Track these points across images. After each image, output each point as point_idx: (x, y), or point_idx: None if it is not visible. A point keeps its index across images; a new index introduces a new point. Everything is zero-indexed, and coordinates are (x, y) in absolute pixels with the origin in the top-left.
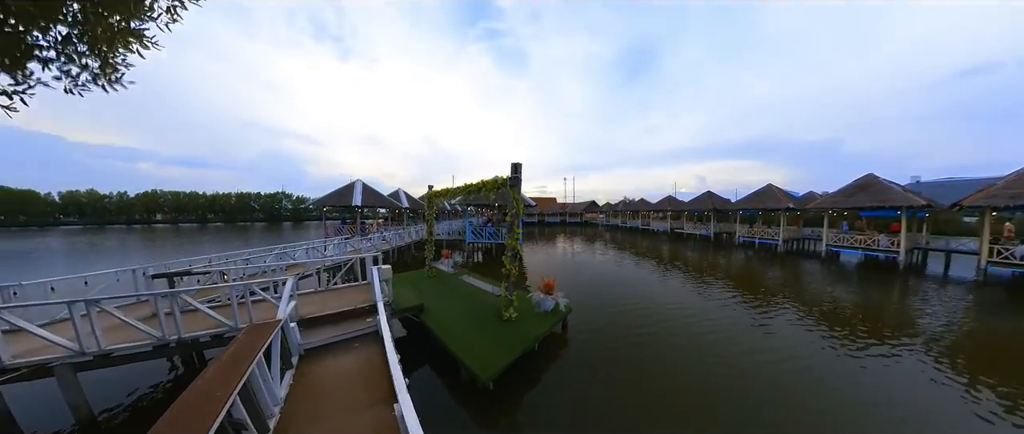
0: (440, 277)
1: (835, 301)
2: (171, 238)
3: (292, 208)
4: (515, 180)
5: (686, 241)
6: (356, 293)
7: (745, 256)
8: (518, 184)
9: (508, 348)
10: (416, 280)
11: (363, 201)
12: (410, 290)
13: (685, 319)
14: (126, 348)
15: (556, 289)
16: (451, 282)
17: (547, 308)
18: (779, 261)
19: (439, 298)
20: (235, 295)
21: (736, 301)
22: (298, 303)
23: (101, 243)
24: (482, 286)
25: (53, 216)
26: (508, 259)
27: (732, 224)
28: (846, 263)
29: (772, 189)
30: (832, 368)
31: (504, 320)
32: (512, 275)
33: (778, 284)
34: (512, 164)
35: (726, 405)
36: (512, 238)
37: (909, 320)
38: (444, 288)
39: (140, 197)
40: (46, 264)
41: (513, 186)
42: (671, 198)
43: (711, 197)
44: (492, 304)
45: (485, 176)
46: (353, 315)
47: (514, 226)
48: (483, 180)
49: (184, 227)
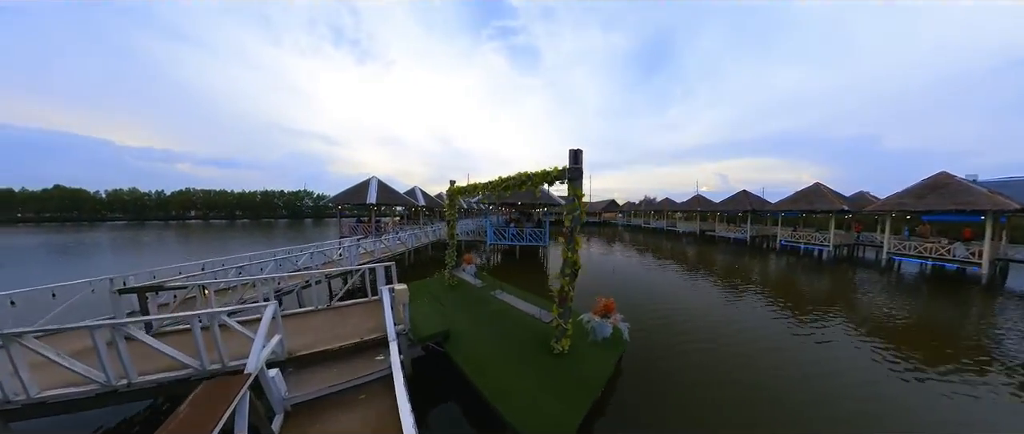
0: (463, 288)
1: (920, 320)
2: (200, 233)
3: (313, 205)
4: (576, 172)
5: (717, 245)
6: (364, 316)
7: (789, 263)
8: (579, 177)
9: (571, 399)
10: (436, 291)
11: (378, 199)
12: (430, 307)
13: (737, 335)
14: (63, 395)
15: (615, 310)
16: (478, 296)
17: (604, 335)
18: (831, 270)
19: (466, 319)
20: (198, 329)
21: (792, 316)
22: (288, 331)
23: (138, 238)
24: (518, 305)
25: (101, 213)
26: (566, 276)
27: (768, 227)
28: (909, 274)
29: (821, 189)
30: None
31: (554, 353)
32: (570, 297)
33: (843, 297)
34: (571, 151)
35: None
36: (572, 250)
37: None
38: (470, 304)
39: (175, 195)
40: (82, 258)
41: (573, 179)
42: (700, 197)
43: (747, 197)
44: (532, 328)
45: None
46: (360, 350)
47: (575, 234)
48: (526, 172)
49: (214, 223)
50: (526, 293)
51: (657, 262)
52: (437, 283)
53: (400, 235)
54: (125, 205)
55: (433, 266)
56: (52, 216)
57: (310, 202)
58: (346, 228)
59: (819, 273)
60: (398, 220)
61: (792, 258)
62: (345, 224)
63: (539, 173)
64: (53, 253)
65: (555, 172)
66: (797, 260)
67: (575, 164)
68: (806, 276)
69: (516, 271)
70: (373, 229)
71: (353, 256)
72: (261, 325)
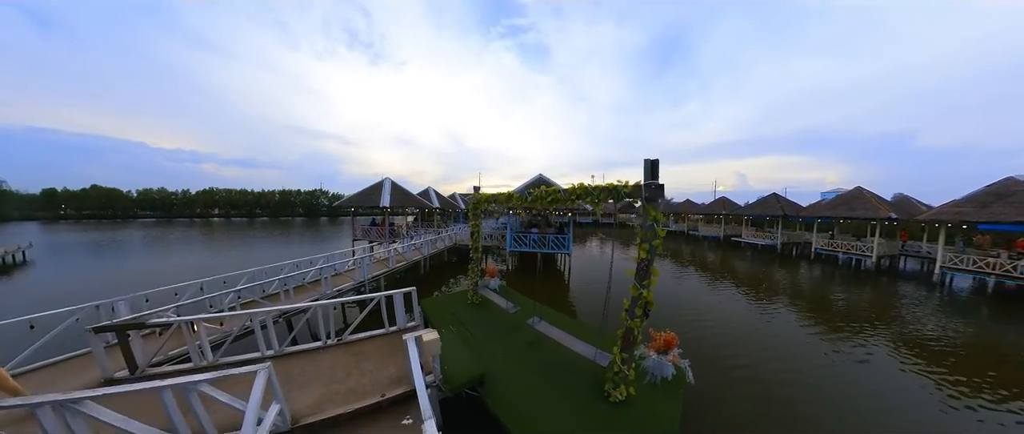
0: (490, 310)
1: (981, 343)
2: (222, 231)
3: (328, 204)
4: (654, 190)
5: (744, 251)
6: (383, 355)
7: (826, 274)
8: (659, 196)
9: None
10: (460, 311)
11: (392, 201)
12: (459, 339)
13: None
14: None
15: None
16: (510, 322)
17: (664, 375)
18: (875, 283)
19: (501, 353)
20: (169, 405)
21: (835, 334)
22: (292, 377)
23: (165, 236)
24: (559, 337)
25: (133, 211)
26: (636, 318)
27: (798, 232)
28: (962, 289)
29: (863, 193)
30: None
31: (610, 401)
32: (637, 341)
33: (895, 316)
34: (648, 163)
35: None
36: (646, 285)
37: None
38: (503, 334)
39: (200, 194)
40: (113, 257)
41: (651, 199)
42: (725, 200)
43: (778, 200)
44: (578, 367)
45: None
46: (378, 413)
47: (651, 268)
48: (583, 185)
49: (235, 221)
50: (564, 318)
51: (680, 269)
52: (459, 301)
53: (416, 241)
54: (154, 203)
55: (450, 271)
56: (90, 213)
57: (326, 201)
58: (359, 230)
59: (862, 286)
60: (411, 221)
61: (828, 268)
62: (358, 226)
63: (604, 187)
64: (89, 252)
65: (626, 188)
66: (835, 271)
67: (653, 179)
68: (848, 290)
69: (537, 281)
70: (387, 232)
71: (366, 268)
72: (252, 396)
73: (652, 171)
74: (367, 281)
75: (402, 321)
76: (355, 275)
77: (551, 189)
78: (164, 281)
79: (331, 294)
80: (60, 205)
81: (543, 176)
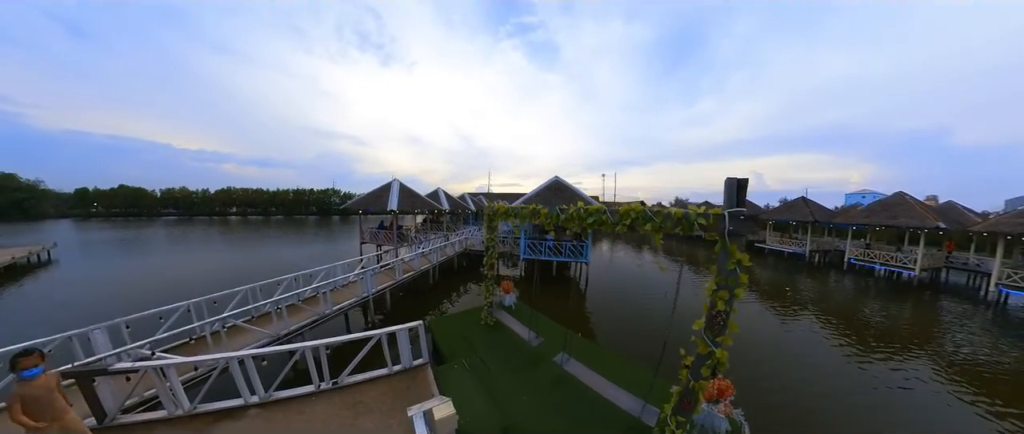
0: (506, 337)
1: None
2: (239, 229)
3: (339, 203)
4: (742, 222)
5: (768, 259)
6: (387, 407)
7: (861, 287)
8: (748, 230)
9: None
10: (472, 335)
11: (400, 204)
12: (472, 376)
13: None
14: None
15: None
16: (530, 355)
17: (716, 430)
18: (920, 299)
19: (523, 394)
20: None
21: (880, 358)
22: None
23: (185, 235)
24: (594, 384)
25: (157, 209)
26: (703, 376)
27: (827, 238)
28: (1017, 307)
29: (906, 200)
30: None
31: None
32: (698, 406)
33: (965, 341)
34: (731, 183)
35: None
36: (718, 343)
37: None
38: (523, 369)
39: (218, 193)
40: (137, 255)
41: (735, 233)
42: (748, 203)
43: (807, 205)
44: (614, 417)
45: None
46: None
47: (729, 321)
48: (639, 207)
49: (251, 220)
50: (595, 352)
51: (701, 277)
52: (472, 321)
53: (425, 249)
54: (177, 202)
55: (460, 278)
56: (118, 211)
57: (337, 200)
58: (367, 233)
59: (906, 302)
60: (421, 222)
61: (864, 280)
62: (367, 229)
63: (672, 214)
64: (113, 250)
65: (697, 215)
66: (872, 283)
67: (737, 206)
68: (892, 307)
69: (552, 294)
70: (395, 235)
71: (371, 282)
72: None
73: (737, 195)
74: (371, 297)
75: (407, 360)
76: (358, 290)
77: (592, 208)
78: (178, 284)
79: (331, 314)
80: (91, 203)
81: (559, 179)
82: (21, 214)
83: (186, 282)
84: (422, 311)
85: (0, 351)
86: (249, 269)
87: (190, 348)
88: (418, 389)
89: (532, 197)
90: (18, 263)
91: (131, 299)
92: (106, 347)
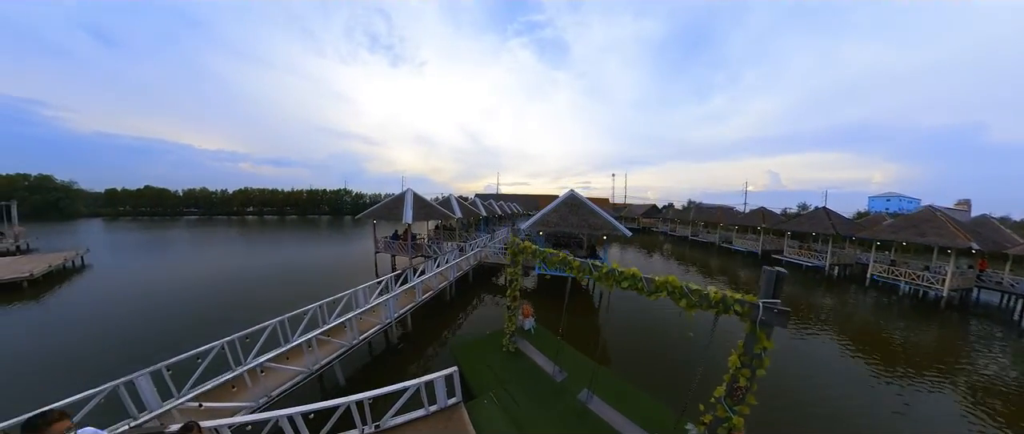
0: (529, 367)
1: None
2: (255, 229)
3: (351, 202)
4: (773, 317)
5: (782, 268)
6: None
7: (883, 305)
8: (781, 323)
9: None
10: (497, 366)
11: (414, 216)
12: (502, 412)
13: None
14: None
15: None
16: (554, 390)
17: None
18: (948, 320)
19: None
20: None
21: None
22: None
23: (208, 237)
24: (620, 426)
25: (179, 208)
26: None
27: (847, 249)
28: None
29: (936, 217)
30: None
31: None
32: None
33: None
34: (772, 275)
35: None
36: (737, 411)
37: None
38: (547, 404)
39: (236, 193)
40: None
41: (766, 326)
42: (765, 211)
43: (828, 215)
44: None
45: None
46: None
47: (748, 396)
48: (674, 281)
49: (267, 219)
50: (620, 389)
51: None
52: (494, 348)
53: (441, 268)
54: (197, 201)
55: (474, 290)
56: (145, 211)
57: (349, 199)
58: (381, 243)
59: (933, 323)
60: (433, 229)
61: (887, 297)
62: (380, 239)
63: (708, 295)
64: (142, 251)
65: (733, 301)
66: (895, 301)
67: (775, 297)
68: (925, 328)
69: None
70: (409, 246)
71: (392, 311)
72: None
73: (775, 287)
74: (394, 323)
75: (443, 401)
76: (381, 314)
77: (627, 272)
78: (210, 288)
79: (357, 343)
80: (120, 203)
81: (575, 194)
82: (57, 213)
83: (218, 289)
84: (441, 328)
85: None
86: (276, 274)
87: (230, 393)
88: (454, 429)
89: (548, 213)
90: (55, 270)
91: (168, 309)
92: (153, 396)
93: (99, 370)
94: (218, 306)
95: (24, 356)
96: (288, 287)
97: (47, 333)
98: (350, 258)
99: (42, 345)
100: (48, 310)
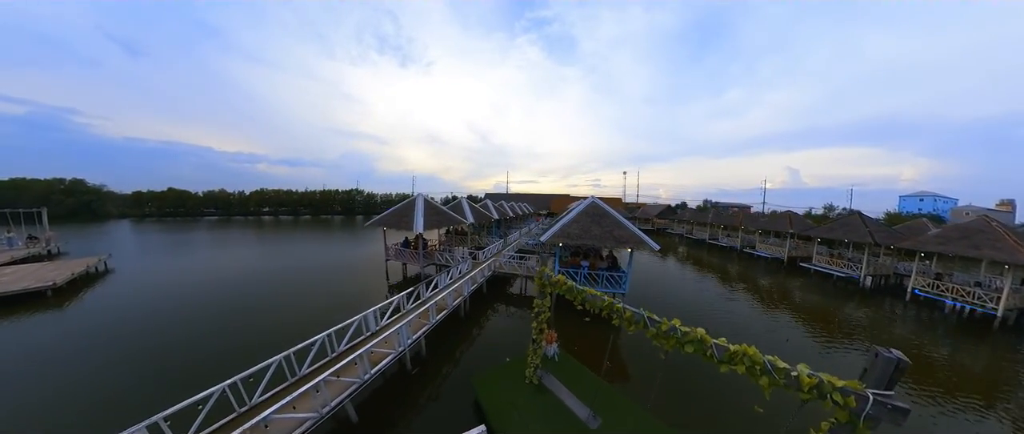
0: (555, 404)
1: None
2: (271, 229)
3: (362, 201)
4: (885, 413)
5: (814, 280)
6: None
7: (923, 322)
8: (897, 420)
9: None
10: (521, 403)
11: (425, 224)
12: None
13: None
14: None
15: None
16: (581, 431)
17: None
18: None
19: None
20: None
21: None
22: None
23: (226, 238)
24: None
25: (200, 209)
26: None
27: (884, 259)
28: None
29: (992, 227)
30: None
31: None
32: None
33: None
34: (891, 363)
35: None
36: None
37: None
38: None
39: (253, 194)
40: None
41: (871, 419)
42: (792, 215)
43: (863, 220)
44: None
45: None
46: None
47: None
48: (756, 356)
49: (282, 219)
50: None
51: (751, 305)
52: (516, 380)
53: (454, 283)
54: (217, 202)
55: (488, 301)
56: (169, 211)
57: (361, 199)
58: (392, 251)
59: (980, 346)
60: (444, 235)
61: (929, 313)
62: (391, 246)
63: (799, 380)
64: (164, 253)
65: (832, 389)
66: (941, 319)
67: (887, 389)
68: (972, 351)
69: (586, 330)
70: (421, 254)
71: (405, 337)
72: None
73: (891, 377)
74: (408, 351)
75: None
76: (393, 341)
77: (695, 334)
78: (230, 291)
79: (369, 379)
80: (145, 204)
81: (596, 202)
82: (90, 214)
83: (238, 290)
84: (456, 347)
85: None
86: (291, 275)
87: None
88: None
89: (568, 224)
90: (78, 277)
91: (187, 319)
92: None
93: (106, 397)
94: (232, 311)
95: (34, 379)
96: (302, 298)
97: (58, 358)
98: (361, 259)
99: (53, 370)
100: (66, 326)
